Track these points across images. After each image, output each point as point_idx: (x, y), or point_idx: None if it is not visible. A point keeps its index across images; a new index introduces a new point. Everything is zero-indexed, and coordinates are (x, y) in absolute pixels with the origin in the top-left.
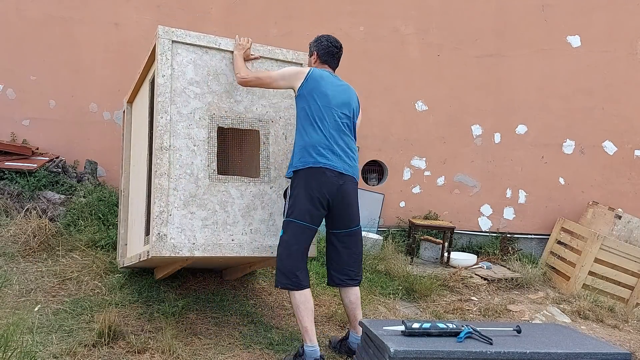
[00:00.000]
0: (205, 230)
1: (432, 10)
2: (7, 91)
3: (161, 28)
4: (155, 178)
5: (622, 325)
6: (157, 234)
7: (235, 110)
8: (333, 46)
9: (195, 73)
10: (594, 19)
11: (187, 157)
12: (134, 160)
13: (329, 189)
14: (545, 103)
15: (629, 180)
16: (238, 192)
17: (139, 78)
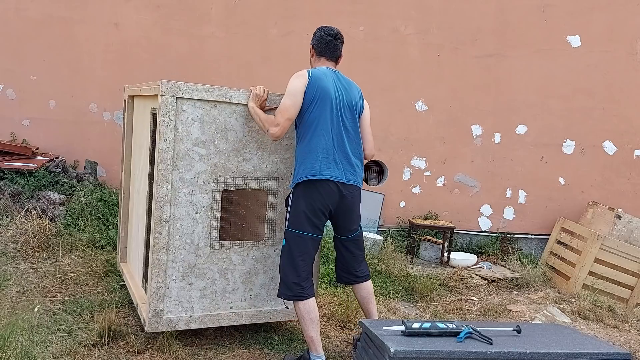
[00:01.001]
0: (204, 300)
1: (432, 10)
2: (7, 91)
3: (164, 83)
4: (154, 253)
5: (622, 325)
6: (154, 311)
7: (243, 170)
8: (326, 34)
9: (201, 132)
10: (594, 19)
11: (187, 227)
12: (135, 162)
13: (332, 200)
14: (545, 103)
15: (629, 180)
16: (240, 257)
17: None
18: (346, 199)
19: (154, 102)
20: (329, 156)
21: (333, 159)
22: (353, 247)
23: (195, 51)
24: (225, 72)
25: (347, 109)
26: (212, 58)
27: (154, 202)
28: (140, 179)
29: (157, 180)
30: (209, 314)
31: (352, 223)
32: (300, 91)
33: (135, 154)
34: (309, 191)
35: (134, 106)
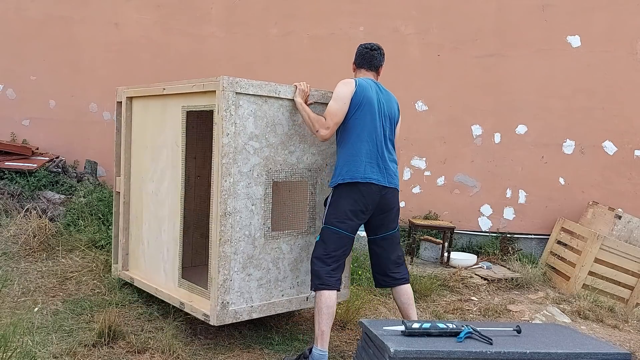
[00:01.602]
0: (260, 290)
1: (432, 10)
2: (7, 91)
3: (225, 79)
4: (220, 246)
5: (622, 325)
6: (222, 303)
7: (288, 162)
8: (365, 48)
9: (255, 126)
10: (594, 19)
11: (246, 219)
12: (141, 163)
13: (371, 202)
14: (545, 103)
15: (629, 180)
16: (288, 246)
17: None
18: (385, 200)
19: (187, 99)
20: (372, 161)
21: (376, 164)
22: (387, 245)
23: (195, 51)
24: (225, 72)
25: (387, 118)
26: (212, 58)
27: (217, 196)
28: (158, 179)
29: (221, 174)
30: (265, 302)
31: (390, 222)
32: (348, 97)
33: (141, 155)
34: (351, 192)
35: (134, 107)
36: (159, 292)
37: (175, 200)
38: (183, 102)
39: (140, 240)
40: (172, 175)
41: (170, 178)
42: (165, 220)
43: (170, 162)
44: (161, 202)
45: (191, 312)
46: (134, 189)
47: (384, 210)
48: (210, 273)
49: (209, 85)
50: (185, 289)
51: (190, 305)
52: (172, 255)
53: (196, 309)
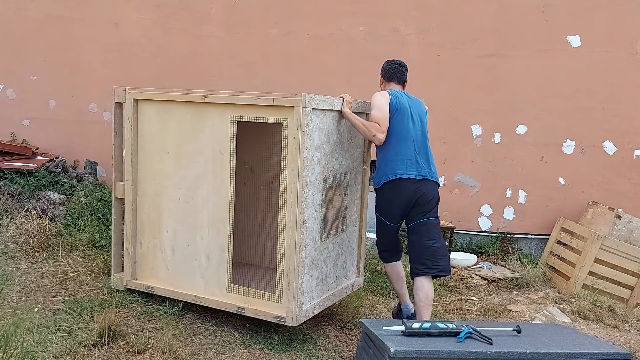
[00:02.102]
0: (317, 288)
1: (432, 10)
2: (7, 91)
3: (307, 96)
4: (298, 253)
5: (622, 325)
6: (300, 305)
7: (334, 169)
8: (394, 64)
9: (319, 138)
10: (594, 19)
11: (311, 224)
12: (156, 173)
13: (412, 195)
14: (545, 103)
15: (629, 180)
16: (332, 245)
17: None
18: (422, 192)
19: (236, 110)
20: (412, 159)
21: (416, 161)
22: (422, 232)
23: (195, 51)
24: (225, 72)
25: (418, 120)
26: (212, 58)
27: (297, 206)
28: (189, 187)
29: (300, 185)
30: (321, 299)
31: (423, 212)
32: (387, 105)
33: (157, 161)
34: (396, 188)
35: (144, 110)
36: (201, 300)
37: (220, 208)
38: (231, 112)
39: (159, 248)
40: (213, 184)
41: (211, 186)
42: (203, 228)
43: (209, 170)
44: (196, 209)
45: (255, 315)
46: (144, 194)
47: (421, 201)
48: (286, 277)
49: (282, 100)
50: (240, 294)
51: (252, 309)
52: (217, 262)
53: (262, 312)
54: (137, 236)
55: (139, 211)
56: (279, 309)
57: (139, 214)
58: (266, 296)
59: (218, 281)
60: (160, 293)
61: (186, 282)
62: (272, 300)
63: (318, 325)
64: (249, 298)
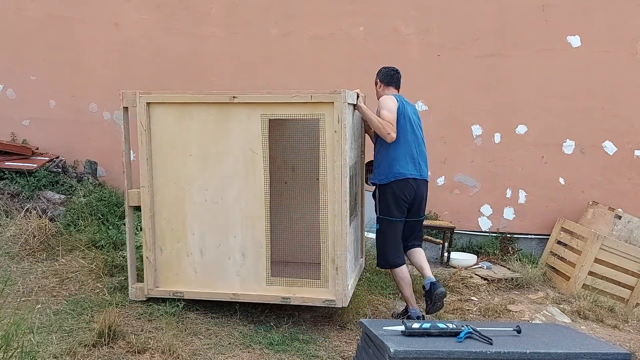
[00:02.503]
0: (350, 270)
1: (432, 10)
2: (7, 91)
3: (345, 92)
4: (345, 239)
5: (622, 325)
6: (348, 287)
7: (352, 158)
8: (392, 70)
9: (349, 131)
10: (594, 19)
11: (347, 211)
12: (177, 177)
13: (410, 193)
14: (545, 103)
15: (629, 180)
16: (353, 229)
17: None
18: (419, 191)
19: (267, 108)
20: (414, 159)
21: (412, 161)
22: (416, 225)
23: (195, 51)
24: (225, 72)
25: (416, 124)
26: (212, 58)
27: (341, 196)
28: (218, 187)
29: (343, 176)
30: (353, 279)
31: (420, 211)
32: (396, 108)
33: (178, 164)
34: (397, 187)
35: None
36: (240, 296)
37: (254, 206)
38: (262, 111)
39: (184, 252)
40: (245, 182)
41: (243, 184)
42: (236, 226)
43: (240, 169)
44: (226, 209)
45: (302, 302)
46: (163, 200)
47: (418, 200)
48: (333, 262)
49: (321, 97)
50: (282, 285)
51: (298, 298)
52: (254, 258)
53: (310, 298)
54: (156, 243)
55: (158, 217)
56: (327, 293)
57: (157, 221)
58: (311, 283)
59: (256, 276)
60: (190, 297)
61: (219, 282)
62: (318, 286)
63: (318, 325)
64: (292, 288)
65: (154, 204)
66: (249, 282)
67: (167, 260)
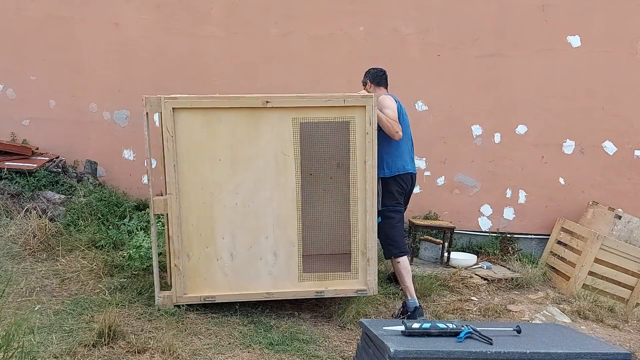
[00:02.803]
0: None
1: (432, 10)
2: (7, 91)
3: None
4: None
5: (622, 325)
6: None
7: None
8: (381, 71)
9: None
10: (594, 19)
11: (376, 207)
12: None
13: (407, 185)
14: (545, 103)
15: (629, 180)
16: None
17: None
18: (413, 183)
19: (299, 112)
20: (411, 156)
21: (410, 157)
22: None
23: (195, 51)
24: (225, 72)
25: (407, 122)
26: (212, 58)
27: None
28: (250, 190)
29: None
30: None
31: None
32: (396, 107)
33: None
34: (401, 179)
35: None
36: (274, 295)
37: (286, 206)
38: (294, 115)
39: (214, 256)
40: (277, 184)
41: (274, 186)
42: (267, 227)
43: (272, 171)
44: (257, 211)
45: (335, 295)
46: (190, 206)
47: (410, 192)
48: (364, 255)
49: (353, 101)
50: (314, 280)
51: (332, 290)
52: (286, 257)
53: (342, 290)
54: (183, 250)
55: (185, 224)
56: (358, 284)
57: (184, 227)
58: (342, 276)
59: (288, 274)
60: (221, 300)
61: (252, 283)
62: (349, 278)
63: (318, 325)
64: (324, 282)
65: (181, 210)
66: (282, 280)
67: (195, 266)
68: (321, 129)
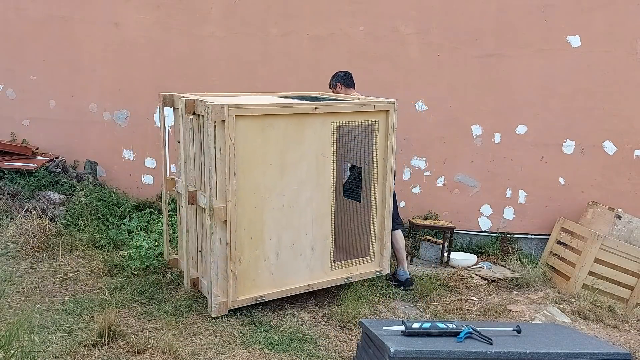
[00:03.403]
0: None
1: (432, 10)
2: (7, 91)
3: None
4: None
5: (622, 325)
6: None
7: None
8: (347, 73)
9: None
10: (594, 19)
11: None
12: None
13: None
14: (545, 103)
15: (629, 180)
16: None
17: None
18: None
19: (337, 117)
20: None
21: None
22: None
23: (195, 51)
24: (225, 72)
25: None
26: (212, 58)
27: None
28: (294, 192)
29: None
30: None
31: None
32: None
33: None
34: None
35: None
36: (313, 286)
37: (323, 205)
38: (333, 119)
39: (262, 257)
40: (317, 185)
41: (314, 187)
42: (307, 225)
43: (313, 173)
44: (300, 211)
45: (360, 278)
46: (243, 211)
47: None
48: (381, 241)
49: (380, 105)
50: (342, 268)
51: (357, 274)
52: (321, 250)
53: (365, 273)
54: (237, 255)
55: (238, 228)
56: (376, 266)
57: (237, 232)
58: (364, 261)
59: (322, 265)
60: (270, 298)
61: (292, 277)
62: (368, 262)
63: (318, 325)
64: (349, 268)
65: (237, 216)
66: (317, 272)
67: (245, 269)
68: (353, 132)
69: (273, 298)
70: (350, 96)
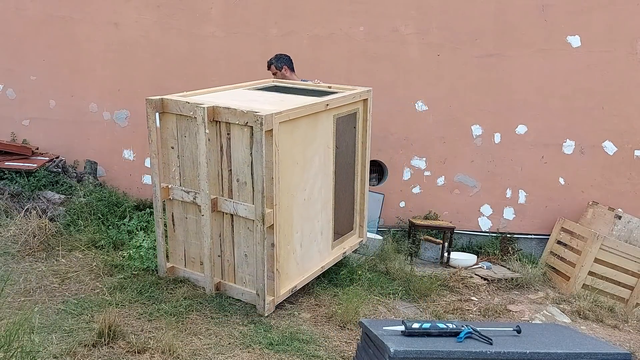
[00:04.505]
0: None
1: (432, 10)
2: (7, 91)
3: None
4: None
5: (622, 325)
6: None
7: None
8: (289, 56)
9: None
10: (594, 19)
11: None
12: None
13: None
14: (545, 103)
15: (629, 180)
16: None
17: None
18: None
19: (338, 110)
20: None
21: None
22: None
23: (195, 51)
24: (225, 72)
25: None
26: (212, 58)
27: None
28: (310, 186)
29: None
30: None
31: None
32: None
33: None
34: None
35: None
36: (324, 267)
37: (327, 192)
38: (335, 112)
39: (291, 251)
40: (324, 174)
41: (323, 176)
42: (318, 213)
43: (322, 165)
44: (313, 202)
45: (350, 250)
46: (280, 212)
47: None
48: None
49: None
50: (338, 245)
51: (349, 248)
52: (326, 234)
53: (352, 245)
54: (281, 252)
55: (280, 229)
56: (358, 238)
57: (277, 234)
58: (351, 235)
59: (327, 246)
60: (299, 286)
61: (309, 263)
62: (354, 235)
63: (318, 325)
64: (343, 243)
65: (282, 216)
66: (324, 253)
67: (282, 265)
68: (344, 121)
69: (301, 286)
70: (314, 82)
